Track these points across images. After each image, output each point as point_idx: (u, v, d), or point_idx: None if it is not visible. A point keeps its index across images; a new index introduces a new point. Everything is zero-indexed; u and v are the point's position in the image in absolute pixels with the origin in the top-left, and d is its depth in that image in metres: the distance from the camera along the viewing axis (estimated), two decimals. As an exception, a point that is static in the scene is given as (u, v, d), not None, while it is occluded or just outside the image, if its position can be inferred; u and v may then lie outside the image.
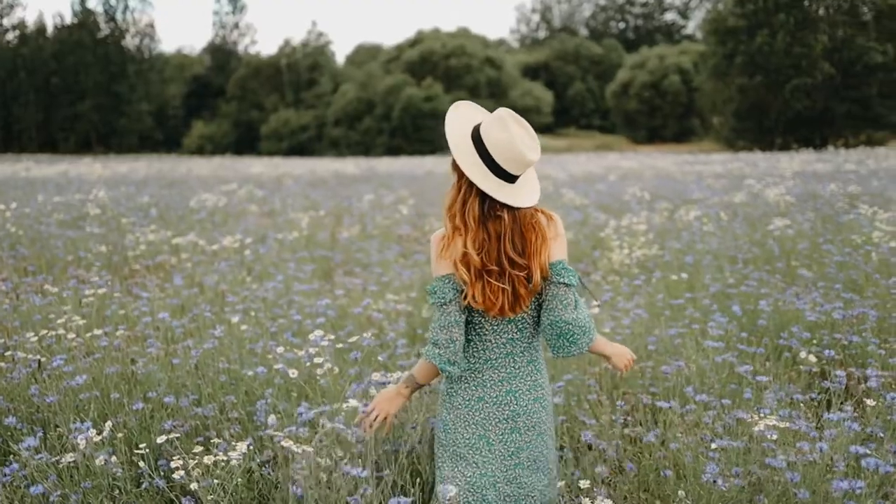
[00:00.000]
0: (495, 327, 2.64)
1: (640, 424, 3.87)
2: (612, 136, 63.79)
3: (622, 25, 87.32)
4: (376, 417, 2.73)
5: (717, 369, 4.27)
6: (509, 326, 2.65)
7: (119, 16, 63.95)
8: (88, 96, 60.91)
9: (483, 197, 2.55)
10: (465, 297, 2.56)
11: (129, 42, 64.44)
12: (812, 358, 4.24)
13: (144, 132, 63.09)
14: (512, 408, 2.65)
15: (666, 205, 10.99)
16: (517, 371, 2.67)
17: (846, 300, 5.45)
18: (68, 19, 63.67)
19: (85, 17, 62.69)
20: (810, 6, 45.40)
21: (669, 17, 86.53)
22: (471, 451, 2.67)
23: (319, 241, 9.13)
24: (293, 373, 3.57)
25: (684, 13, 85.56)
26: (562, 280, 2.56)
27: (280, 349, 3.73)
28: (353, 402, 3.10)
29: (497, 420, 2.65)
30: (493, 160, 2.52)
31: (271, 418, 3.41)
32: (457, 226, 2.57)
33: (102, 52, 61.91)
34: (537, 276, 2.54)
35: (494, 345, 2.66)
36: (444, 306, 2.59)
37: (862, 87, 43.65)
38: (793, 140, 44.79)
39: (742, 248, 7.96)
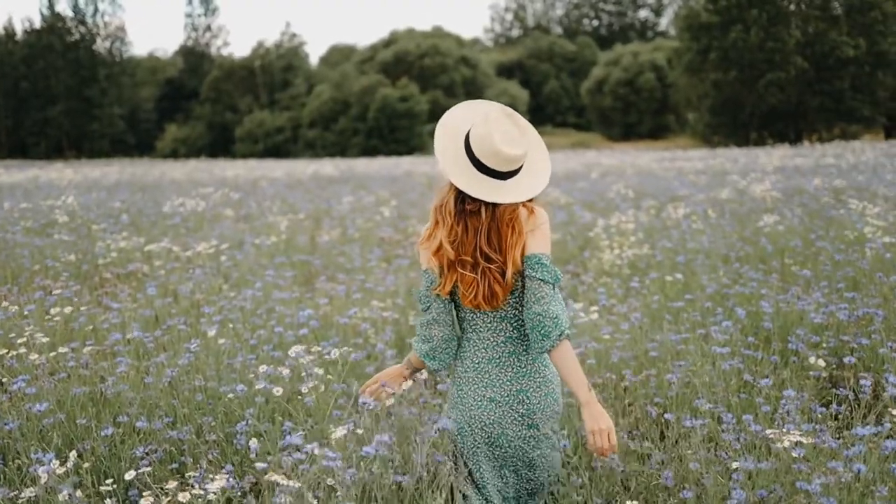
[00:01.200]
0: (489, 325, 2.65)
1: (648, 439, 3.63)
2: (587, 133, 63.79)
3: (595, 23, 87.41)
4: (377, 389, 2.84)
5: (724, 377, 4.05)
6: (504, 324, 2.64)
7: (89, 19, 62.84)
8: (59, 101, 59.85)
9: (459, 192, 2.57)
10: (436, 288, 2.62)
11: (100, 45, 63.35)
12: (821, 363, 4.03)
13: (117, 136, 62.12)
14: (526, 406, 2.64)
15: (652, 202, 10.80)
16: (524, 370, 2.65)
17: (849, 300, 5.25)
18: (37, 24, 62.13)
19: (54, 21, 61.58)
20: (782, 1, 45.56)
21: (643, 14, 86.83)
22: (490, 448, 2.68)
23: (299, 246, 8.83)
24: (277, 390, 3.30)
25: (657, 10, 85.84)
26: (535, 275, 2.54)
27: (262, 368, 3.43)
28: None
29: (512, 419, 2.64)
30: (475, 157, 2.52)
31: (253, 442, 3.14)
32: (436, 219, 2.61)
33: (73, 56, 60.82)
34: (509, 272, 2.54)
35: (494, 343, 2.65)
36: (428, 308, 2.68)
37: (834, 81, 43.87)
38: (767, 135, 45.00)
39: (734, 245, 7.77)
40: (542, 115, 66.99)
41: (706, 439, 3.37)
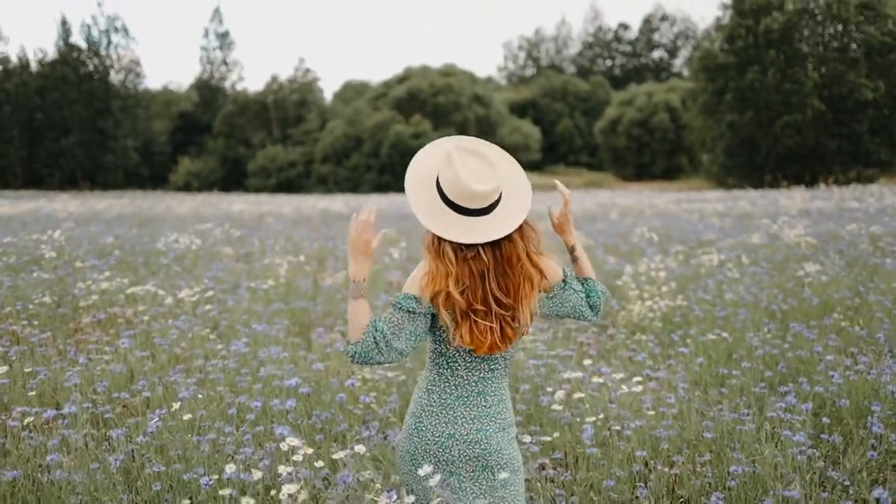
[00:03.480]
0: (468, 364, 2.56)
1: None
2: (600, 173, 63.33)
3: (609, 63, 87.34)
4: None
5: (796, 466, 3.34)
6: (482, 365, 2.57)
7: (102, 51, 62.98)
8: (73, 132, 59.87)
9: None
10: (454, 341, 2.46)
11: (114, 78, 63.49)
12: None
13: (130, 168, 62.06)
14: (483, 446, 2.55)
15: (680, 247, 10.08)
16: (488, 410, 2.58)
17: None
18: (51, 55, 62.29)
19: (68, 53, 61.78)
20: (800, 43, 45.09)
21: (657, 54, 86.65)
22: (440, 487, 2.54)
23: (299, 290, 8.12)
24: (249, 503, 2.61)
25: (672, 51, 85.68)
26: (574, 287, 2.67)
27: (230, 468, 2.72)
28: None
29: (468, 458, 2.55)
30: (451, 200, 2.46)
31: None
32: (437, 265, 2.47)
33: (87, 87, 60.90)
34: (526, 319, 2.51)
35: (467, 382, 2.57)
36: (412, 315, 2.45)
37: (852, 124, 43.22)
38: (783, 177, 44.35)
39: (775, 297, 7.07)
40: (554, 154, 66.69)
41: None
